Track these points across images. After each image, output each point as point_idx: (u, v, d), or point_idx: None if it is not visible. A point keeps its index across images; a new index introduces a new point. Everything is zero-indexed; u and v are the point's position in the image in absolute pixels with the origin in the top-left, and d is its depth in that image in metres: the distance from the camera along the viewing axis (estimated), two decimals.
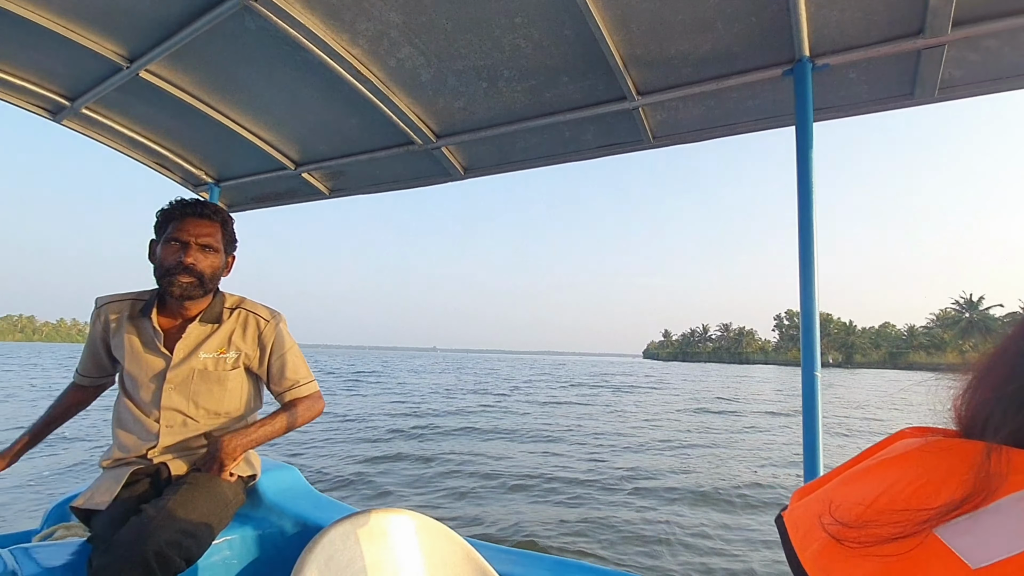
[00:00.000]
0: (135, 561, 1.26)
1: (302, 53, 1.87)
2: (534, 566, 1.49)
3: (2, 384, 21.24)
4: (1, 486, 5.99)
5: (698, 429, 13.57)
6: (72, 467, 7.37)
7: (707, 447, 10.69)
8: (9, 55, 2.13)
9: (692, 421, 15.15)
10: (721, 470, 8.57)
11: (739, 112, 1.86)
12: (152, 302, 1.68)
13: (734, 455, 9.98)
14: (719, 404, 20.67)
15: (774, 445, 11.32)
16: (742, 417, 16.45)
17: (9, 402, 15.29)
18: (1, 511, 5.38)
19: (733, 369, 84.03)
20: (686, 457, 9.53)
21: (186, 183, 2.95)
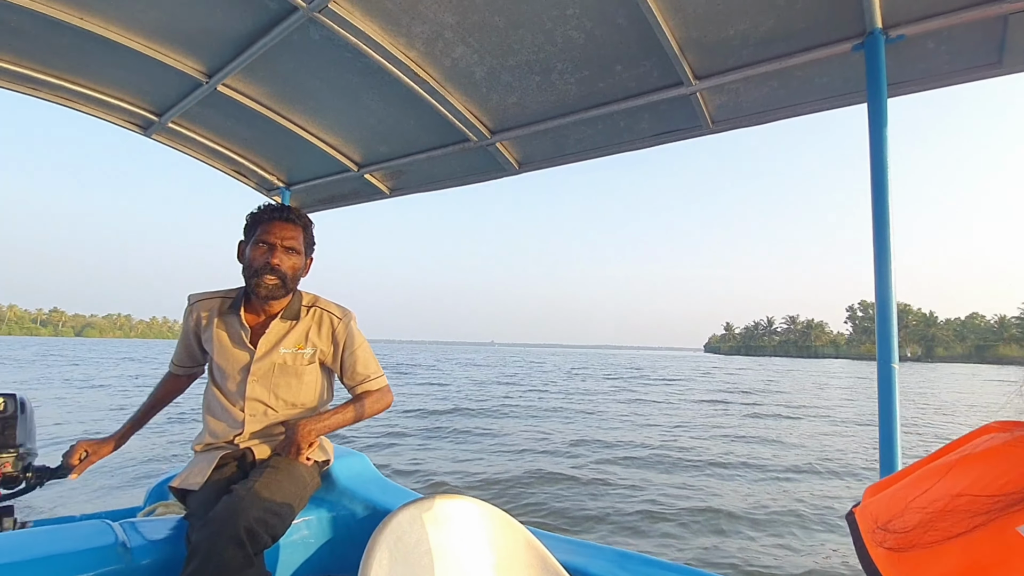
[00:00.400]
0: (229, 536, 1.37)
1: (362, 59, 1.95)
2: (595, 556, 1.50)
3: (107, 375, 23.58)
4: (109, 467, 6.65)
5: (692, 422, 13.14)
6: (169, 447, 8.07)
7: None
8: (105, 76, 2.36)
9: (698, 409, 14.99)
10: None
11: (805, 92, 1.77)
12: (240, 300, 1.81)
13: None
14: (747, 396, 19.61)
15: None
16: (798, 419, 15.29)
17: (109, 390, 16.93)
18: (110, 489, 5.98)
19: (799, 363, 79.72)
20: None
21: (260, 188, 3.15)
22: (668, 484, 6.98)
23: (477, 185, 2.66)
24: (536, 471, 7.34)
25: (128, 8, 1.91)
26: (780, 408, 17.06)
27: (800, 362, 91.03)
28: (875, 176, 1.48)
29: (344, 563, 1.78)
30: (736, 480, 7.36)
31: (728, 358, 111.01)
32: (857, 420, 14.75)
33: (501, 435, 10.40)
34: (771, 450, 9.59)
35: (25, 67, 2.27)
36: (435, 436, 10.23)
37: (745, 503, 6.20)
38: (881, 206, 1.46)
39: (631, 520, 5.50)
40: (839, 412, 16.65)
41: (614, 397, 19.56)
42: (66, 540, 1.45)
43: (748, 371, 45.99)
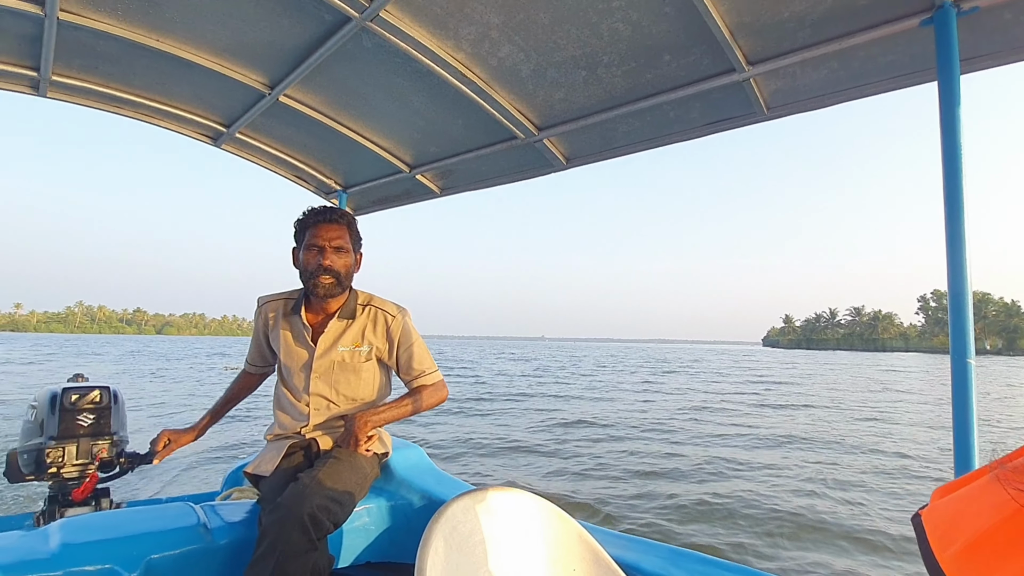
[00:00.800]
0: (294, 521, 1.47)
1: (412, 64, 2.01)
2: (648, 553, 1.49)
3: (190, 368, 25.43)
4: (188, 454, 7.16)
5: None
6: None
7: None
8: (179, 93, 2.54)
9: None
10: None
11: (868, 72, 1.67)
12: (301, 301, 1.91)
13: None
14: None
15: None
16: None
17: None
18: (190, 474, 6.46)
19: (863, 357, 74.88)
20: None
21: (319, 191, 3.30)
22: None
23: (526, 181, 2.68)
24: (508, 439, 9.12)
25: (199, 28, 2.05)
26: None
27: (868, 356, 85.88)
28: (947, 158, 1.39)
29: (402, 550, 1.85)
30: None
31: (788, 352, 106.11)
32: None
33: (497, 414, 12.38)
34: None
35: (112, 88, 2.49)
36: (443, 412, 11.55)
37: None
38: (954, 190, 1.37)
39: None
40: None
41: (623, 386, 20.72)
42: (156, 520, 1.59)
43: (795, 365, 43.61)
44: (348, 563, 1.78)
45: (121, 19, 2.01)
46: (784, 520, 5.37)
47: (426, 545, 1.18)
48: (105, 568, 1.39)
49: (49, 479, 2.16)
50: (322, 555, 1.53)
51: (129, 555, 1.43)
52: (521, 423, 11.25)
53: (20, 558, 1.34)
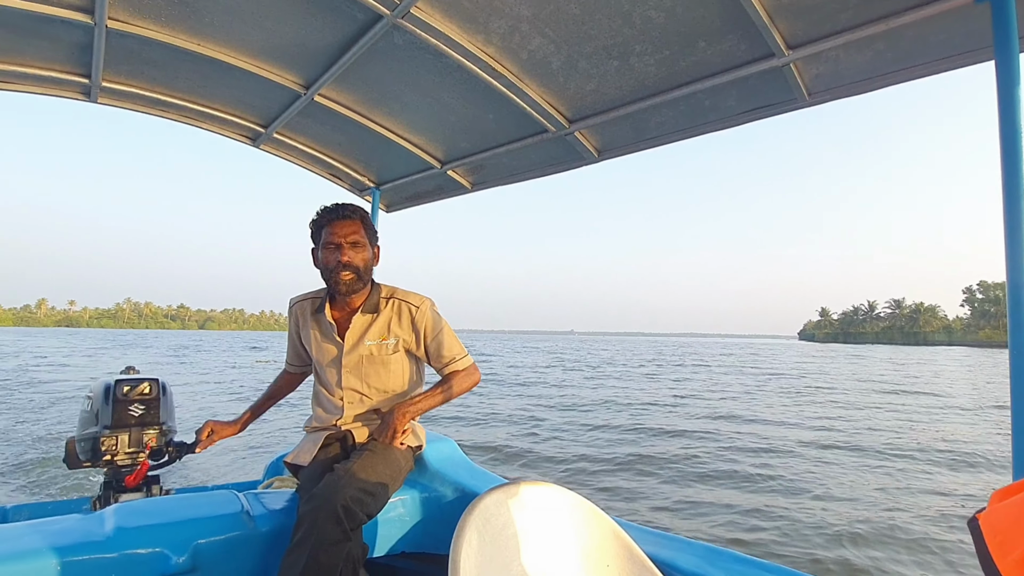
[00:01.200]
0: (328, 512, 1.51)
1: (442, 59, 2.02)
2: (683, 551, 1.47)
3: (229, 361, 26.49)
4: (231, 446, 7.43)
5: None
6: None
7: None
8: (220, 95, 2.62)
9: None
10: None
11: (917, 52, 1.59)
12: (325, 299, 1.96)
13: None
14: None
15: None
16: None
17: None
18: (233, 464, 6.71)
19: (904, 351, 71.73)
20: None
21: (353, 189, 3.36)
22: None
23: (557, 175, 2.66)
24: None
25: (237, 31, 2.11)
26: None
27: (907, 349, 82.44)
28: (1006, 141, 1.30)
29: (436, 541, 1.88)
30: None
31: (824, 346, 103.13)
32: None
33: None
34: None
35: (157, 92, 2.58)
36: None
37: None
38: (1014, 174, 1.29)
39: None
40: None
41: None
42: (202, 507, 1.66)
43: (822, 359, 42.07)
44: (383, 553, 1.82)
45: (165, 25, 2.09)
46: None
47: (460, 537, 1.19)
48: (155, 552, 1.46)
49: (104, 466, 2.27)
50: (356, 545, 1.57)
51: (178, 540, 1.50)
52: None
53: (79, 540, 1.42)
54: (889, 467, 7.66)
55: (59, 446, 6.87)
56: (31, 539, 1.39)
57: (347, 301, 1.92)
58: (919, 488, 6.63)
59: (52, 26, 2.06)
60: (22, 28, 2.08)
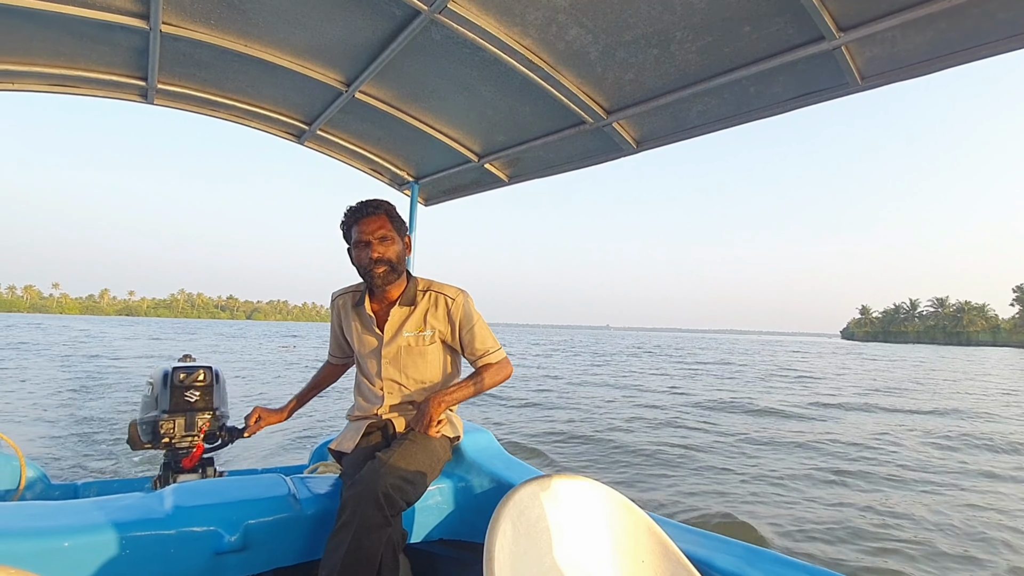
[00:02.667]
0: (369, 498, 1.55)
1: (480, 53, 2.02)
2: (721, 550, 1.44)
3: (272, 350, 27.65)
4: (276, 431, 7.73)
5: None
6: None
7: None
8: (266, 94, 2.71)
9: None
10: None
11: (983, 31, 1.48)
12: (364, 292, 2.01)
13: None
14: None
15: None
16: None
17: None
18: (281, 449, 7.00)
19: (943, 351, 67.36)
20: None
21: (392, 184, 3.42)
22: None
23: (592, 168, 2.63)
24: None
25: (281, 32, 2.17)
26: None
27: (946, 349, 77.83)
28: None
29: (472, 529, 1.91)
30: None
31: (863, 345, 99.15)
32: None
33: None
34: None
35: (208, 93, 2.70)
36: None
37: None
38: None
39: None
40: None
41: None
42: (252, 489, 1.74)
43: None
44: (421, 539, 1.86)
45: (214, 27, 2.17)
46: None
47: (494, 528, 1.21)
48: (210, 530, 1.54)
49: (163, 448, 2.42)
50: (396, 530, 1.62)
51: (230, 519, 1.58)
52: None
53: (140, 516, 1.51)
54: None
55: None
56: (97, 515, 1.50)
57: (385, 294, 1.96)
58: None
59: (111, 32, 2.18)
60: (83, 34, 2.20)
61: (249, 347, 31.19)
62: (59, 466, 5.84)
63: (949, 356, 51.40)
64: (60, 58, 2.40)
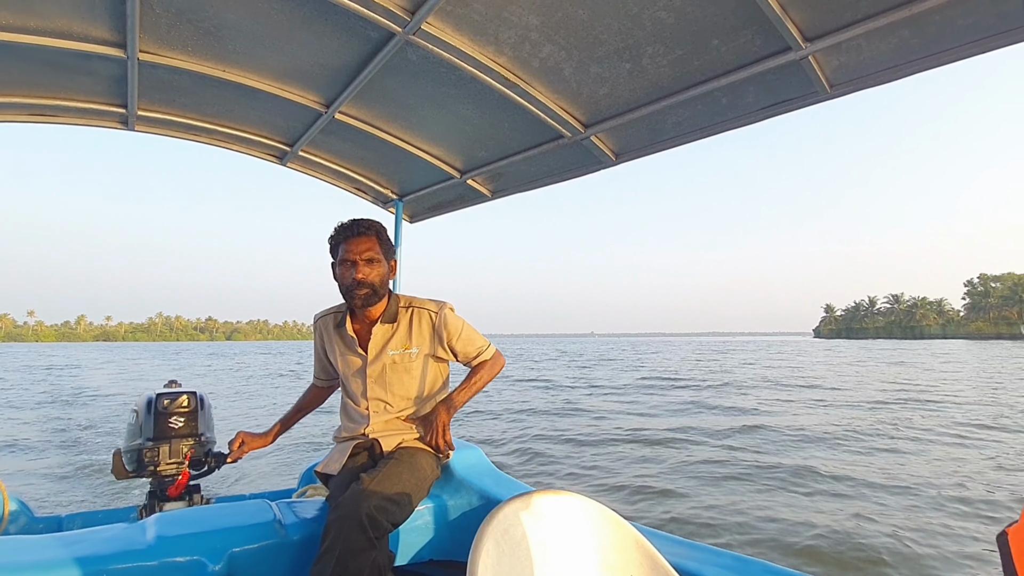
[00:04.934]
0: (353, 520, 1.53)
1: (456, 72, 2.04)
2: (709, 561, 1.43)
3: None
4: (261, 455, 7.57)
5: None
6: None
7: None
8: (246, 117, 2.72)
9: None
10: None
11: (945, 37, 1.51)
12: (345, 313, 2.01)
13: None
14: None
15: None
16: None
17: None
18: (267, 474, 6.90)
19: (885, 345, 69.03)
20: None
21: (376, 202, 3.43)
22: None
23: (574, 181, 2.65)
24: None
25: (258, 57, 2.19)
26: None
27: (889, 343, 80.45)
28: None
29: (462, 549, 1.89)
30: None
31: (829, 342, 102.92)
32: None
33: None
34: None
35: (188, 118, 2.70)
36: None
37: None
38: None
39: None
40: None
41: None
42: (236, 516, 1.72)
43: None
44: (410, 560, 1.84)
45: (192, 54, 2.18)
46: None
47: (477, 549, 1.19)
48: (193, 559, 1.52)
49: (149, 476, 2.38)
50: (382, 553, 1.59)
51: (213, 548, 1.55)
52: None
53: (122, 548, 1.49)
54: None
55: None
56: (79, 548, 1.47)
57: (366, 314, 1.97)
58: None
59: (89, 62, 2.19)
60: (61, 65, 2.21)
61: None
62: (43, 499, 5.74)
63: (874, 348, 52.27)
64: (39, 88, 2.40)
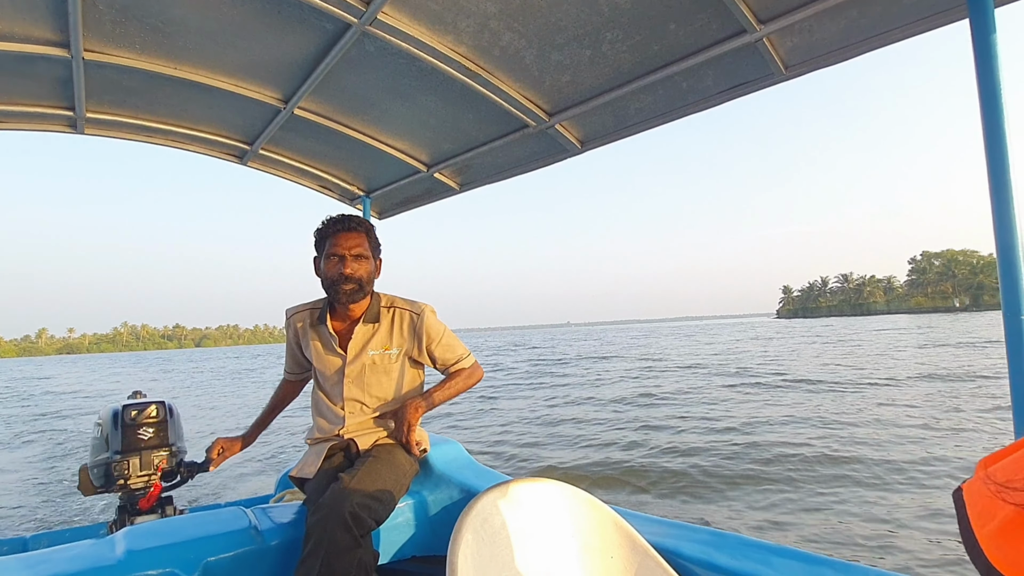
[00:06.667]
0: (337, 520, 1.52)
1: (416, 63, 2.02)
2: (686, 537, 1.46)
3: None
4: (239, 462, 7.44)
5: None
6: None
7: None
8: (202, 116, 2.64)
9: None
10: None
11: (891, 17, 1.55)
12: (326, 310, 1.97)
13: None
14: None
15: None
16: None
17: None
18: (243, 480, 6.78)
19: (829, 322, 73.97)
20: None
21: (343, 199, 3.37)
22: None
23: (543, 170, 2.65)
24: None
25: (210, 53, 2.12)
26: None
27: (843, 321, 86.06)
28: (985, 102, 1.28)
29: (444, 543, 1.88)
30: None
31: (789, 322, 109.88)
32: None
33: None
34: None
35: (141, 119, 2.61)
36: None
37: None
38: (996, 136, 1.26)
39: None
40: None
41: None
42: (211, 525, 1.68)
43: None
44: (393, 558, 1.83)
45: (140, 53, 2.10)
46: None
47: (456, 541, 1.20)
48: (166, 572, 1.48)
49: (118, 490, 2.31)
50: (367, 551, 1.58)
51: (187, 559, 1.52)
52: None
53: (90, 565, 1.44)
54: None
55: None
56: (46, 567, 1.42)
57: (348, 312, 1.93)
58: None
59: (32, 63, 2.09)
60: (3, 68, 2.10)
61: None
62: (6, 521, 5.53)
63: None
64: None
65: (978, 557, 0.37)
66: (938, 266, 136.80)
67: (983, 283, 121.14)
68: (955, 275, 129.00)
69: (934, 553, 3.89)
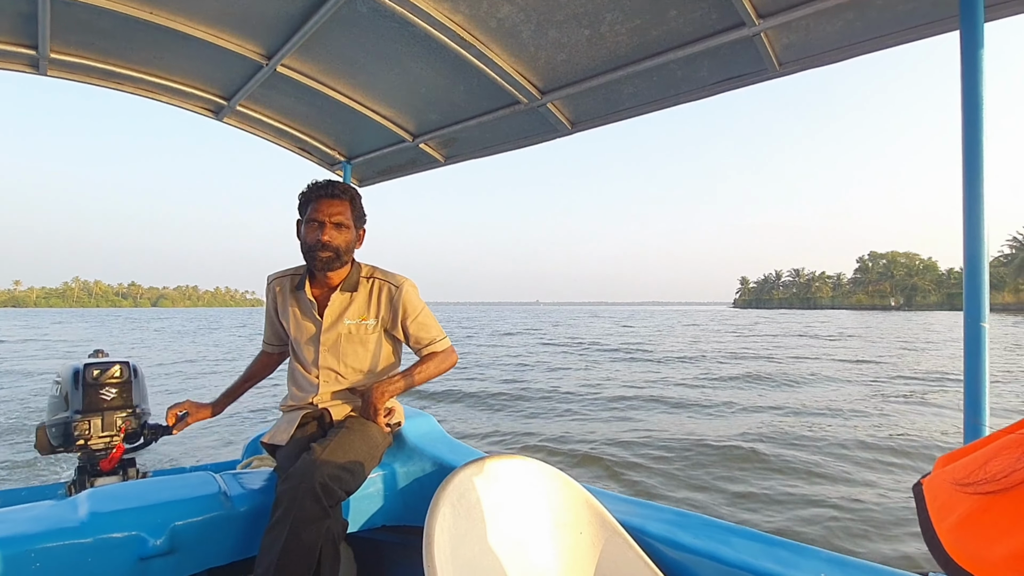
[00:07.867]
0: (306, 490, 1.52)
1: (409, 28, 1.95)
2: (653, 516, 1.52)
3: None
4: (209, 427, 7.35)
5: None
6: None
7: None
8: (178, 67, 2.51)
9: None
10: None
11: (886, 22, 1.58)
12: (305, 276, 1.93)
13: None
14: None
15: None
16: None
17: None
18: (214, 445, 6.69)
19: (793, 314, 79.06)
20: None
21: (323, 163, 3.28)
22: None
23: (528, 148, 2.63)
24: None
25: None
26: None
27: (805, 313, 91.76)
28: (968, 113, 1.32)
29: (416, 514, 1.91)
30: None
31: (743, 311, 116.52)
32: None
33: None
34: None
35: (111, 64, 2.46)
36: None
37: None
38: (974, 146, 1.31)
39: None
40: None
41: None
42: (179, 489, 1.66)
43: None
44: (363, 527, 1.84)
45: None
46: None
47: (434, 513, 1.21)
48: (132, 535, 1.46)
49: (77, 450, 2.24)
50: (336, 521, 1.59)
51: (154, 522, 1.50)
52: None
53: (52, 526, 1.41)
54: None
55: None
56: (4, 527, 1.38)
57: (327, 279, 1.89)
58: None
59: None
60: None
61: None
62: None
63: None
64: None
65: (936, 548, 0.39)
66: (880, 266, 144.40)
67: (916, 284, 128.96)
68: (893, 275, 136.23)
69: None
